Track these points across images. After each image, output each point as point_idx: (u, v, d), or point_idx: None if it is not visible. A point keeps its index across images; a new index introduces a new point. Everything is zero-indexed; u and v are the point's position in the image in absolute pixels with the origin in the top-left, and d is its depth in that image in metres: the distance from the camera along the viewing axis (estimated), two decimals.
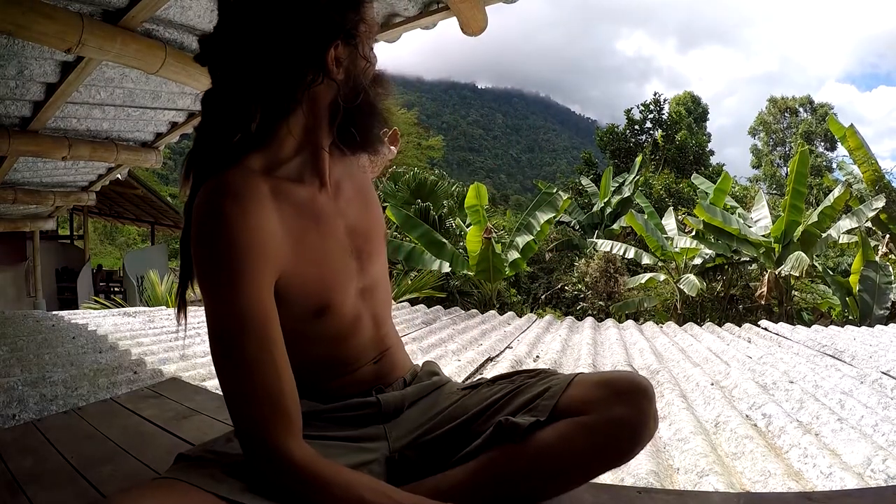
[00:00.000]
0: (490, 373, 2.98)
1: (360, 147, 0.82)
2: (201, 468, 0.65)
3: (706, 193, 11.17)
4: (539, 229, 9.49)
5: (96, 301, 7.92)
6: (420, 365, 0.98)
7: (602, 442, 0.74)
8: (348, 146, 0.81)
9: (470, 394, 0.88)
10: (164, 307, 6.87)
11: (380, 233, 0.90)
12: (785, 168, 24.57)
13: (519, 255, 9.45)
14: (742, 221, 9.60)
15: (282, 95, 0.74)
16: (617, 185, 15.36)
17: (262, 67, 0.73)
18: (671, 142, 19.53)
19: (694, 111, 23.57)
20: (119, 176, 4.96)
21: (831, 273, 10.10)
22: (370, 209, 0.90)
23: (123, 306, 7.25)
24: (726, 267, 10.07)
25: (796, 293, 9.86)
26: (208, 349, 0.70)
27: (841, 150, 14.63)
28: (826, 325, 5.64)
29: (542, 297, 12.71)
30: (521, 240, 9.49)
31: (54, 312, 5.30)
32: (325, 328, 0.80)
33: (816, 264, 9.89)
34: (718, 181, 11.04)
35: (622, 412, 0.73)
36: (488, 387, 0.87)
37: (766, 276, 8.86)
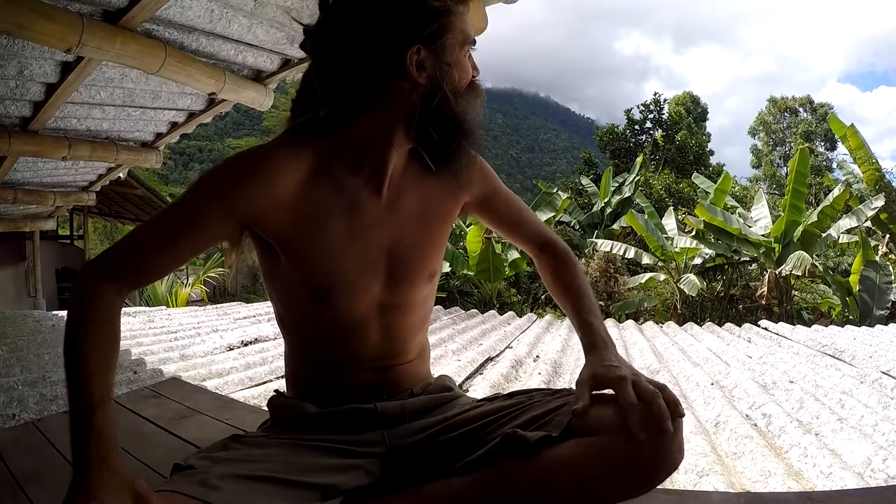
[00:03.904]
0: (490, 373, 2.98)
1: (439, 159, 0.80)
2: (195, 476, 0.65)
3: (706, 193, 11.16)
4: None
5: None
6: (434, 376, 0.94)
7: (617, 468, 0.68)
8: (429, 157, 0.79)
9: (483, 405, 0.84)
10: (163, 307, 6.88)
11: (424, 269, 0.85)
12: (785, 168, 24.53)
13: (519, 255, 9.45)
14: (742, 221, 9.59)
15: (357, 89, 0.77)
16: (617, 185, 15.33)
17: (341, 61, 0.77)
18: (671, 142, 19.52)
19: (693, 111, 23.54)
20: (119, 176, 4.96)
21: (831, 273, 10.10)
22: (427, 238, 0.85)
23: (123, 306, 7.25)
24: (726, 267, 10.06)
25: (796, 293, 9.85)
26: (208, 349, 0.74)
27: (841, 150, 14.62)
28: (826, 325, 5.64)
29: (543, 297, 12.68)
30: None
31: (54, 312, 5.31)
32: (323, 317, 0.80)
33: (816, 264, 9.88)
34: (718, 181, 11.02)
35: (643, 439, 0.67)
36: (503, 400, 0.84)
37: (767, 276, 8.86)
